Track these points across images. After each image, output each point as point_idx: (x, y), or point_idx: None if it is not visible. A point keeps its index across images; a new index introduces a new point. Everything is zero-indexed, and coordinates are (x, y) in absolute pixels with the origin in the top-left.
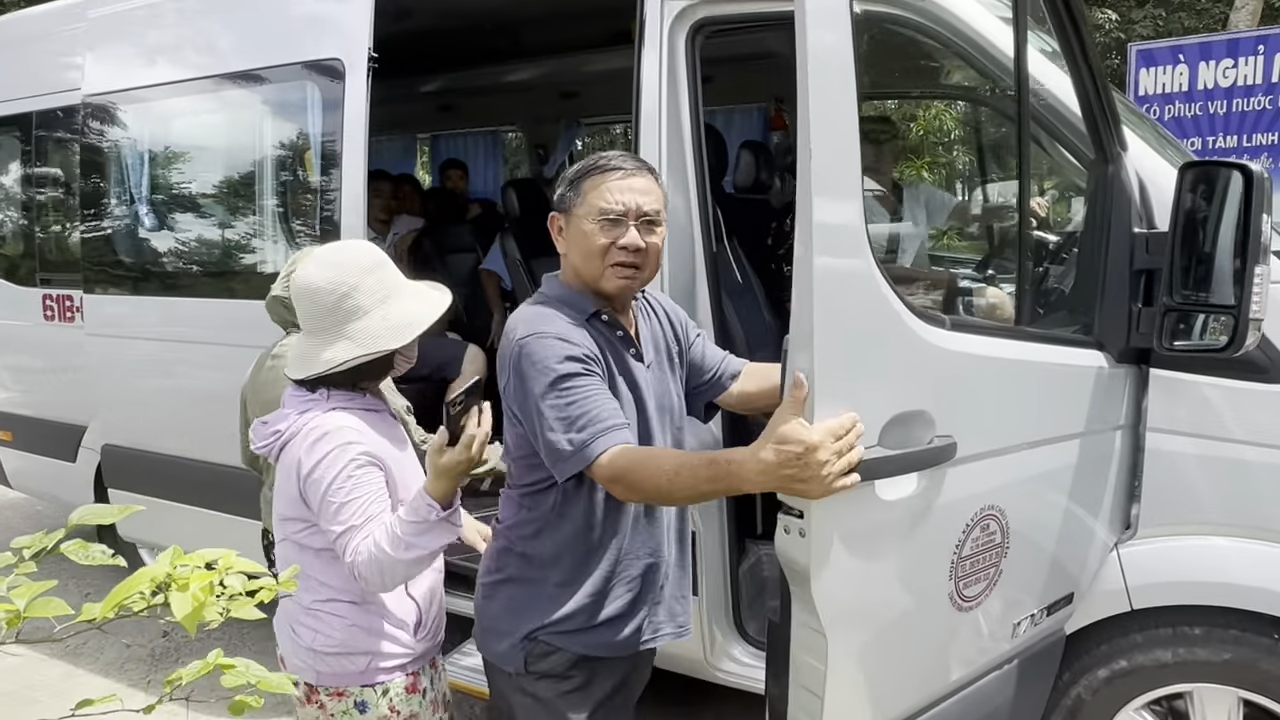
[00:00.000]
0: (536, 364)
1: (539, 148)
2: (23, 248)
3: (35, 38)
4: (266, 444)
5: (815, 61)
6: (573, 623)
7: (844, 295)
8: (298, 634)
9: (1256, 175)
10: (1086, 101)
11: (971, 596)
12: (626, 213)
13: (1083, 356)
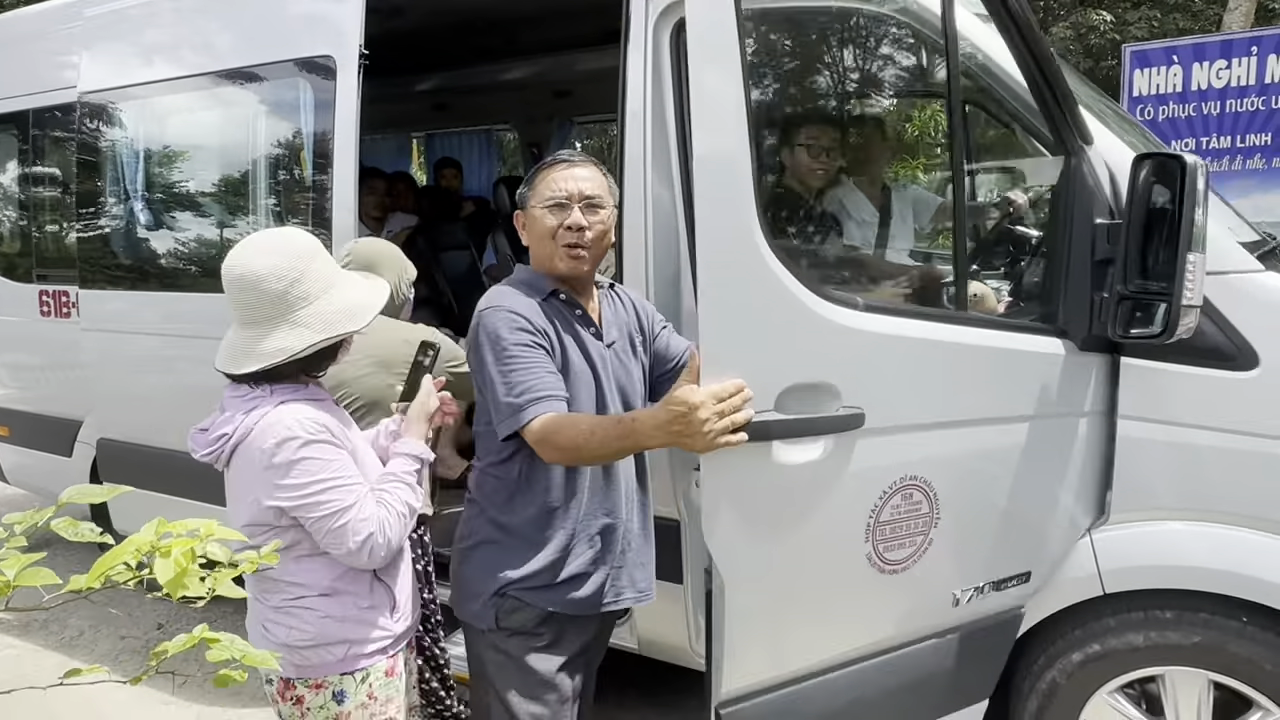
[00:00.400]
0: (490, 333)
1: (532, 146)
2: (19, 245)
3: (32, 36)
4: (213, 450)
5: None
6: (539, 579)
7: (734, 278)
8: (270, 632)
9: (1189, 166)
10: (1040, 97)
11: (896, 561)
12: (570, 197)
13: (1036, 343)
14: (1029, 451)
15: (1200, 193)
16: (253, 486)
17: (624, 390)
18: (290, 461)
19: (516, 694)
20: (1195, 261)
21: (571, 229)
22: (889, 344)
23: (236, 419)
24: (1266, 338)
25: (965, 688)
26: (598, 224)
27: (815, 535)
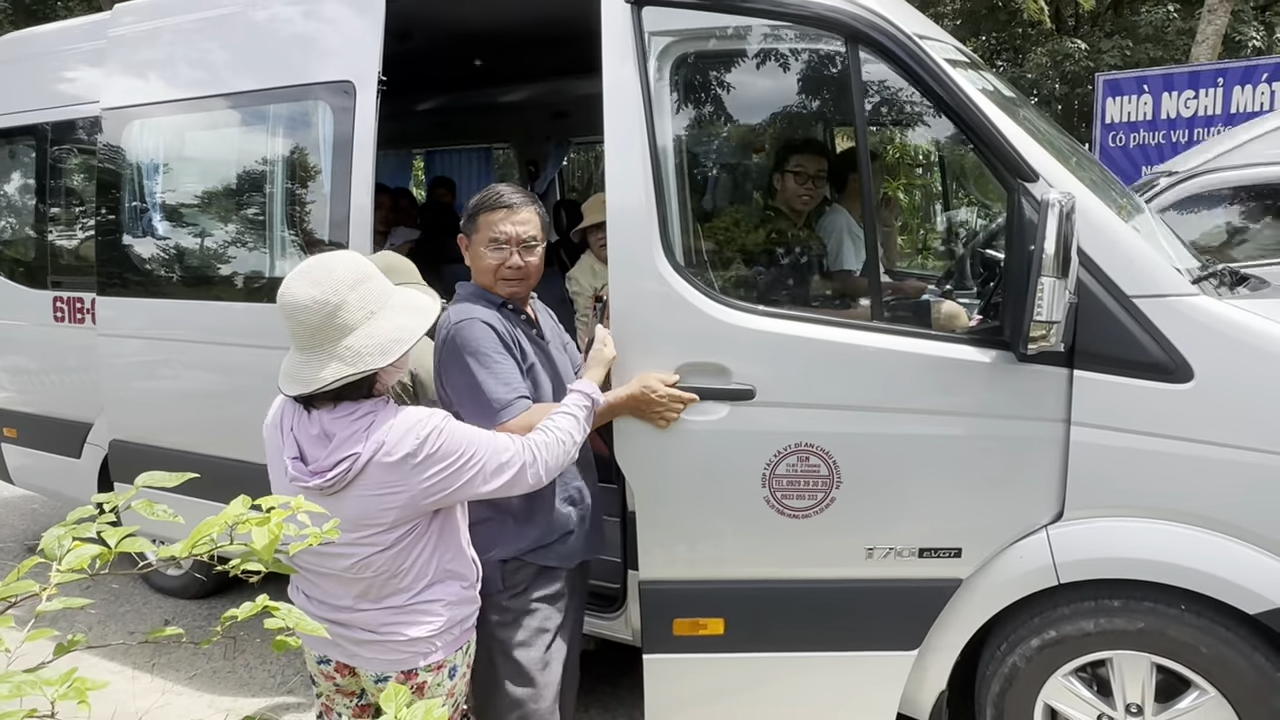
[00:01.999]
0: (470, 343)
1: (530, 164)
2: (33, 253)
3: (55, 52)
4: (335, 474)
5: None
6: (538, 541)
7: (637, 285)
8: (397, 633)
9: (1043, 203)
10: (974, 144)
11: (797, 509)
12: (509, 240)
13: (968, 352)
14: (960, 445)
15: (1052, 227)
16: (397, 489)
17: (563, 377)
18: (438, 447)
19: (521, 647)
20: (1046, 285)
21: (511, 268)
22: (780, 340)
23: (359, 438)
24: (1200, 354)
25: (884, 632)
26: (532, 260)
27: (714, 475)
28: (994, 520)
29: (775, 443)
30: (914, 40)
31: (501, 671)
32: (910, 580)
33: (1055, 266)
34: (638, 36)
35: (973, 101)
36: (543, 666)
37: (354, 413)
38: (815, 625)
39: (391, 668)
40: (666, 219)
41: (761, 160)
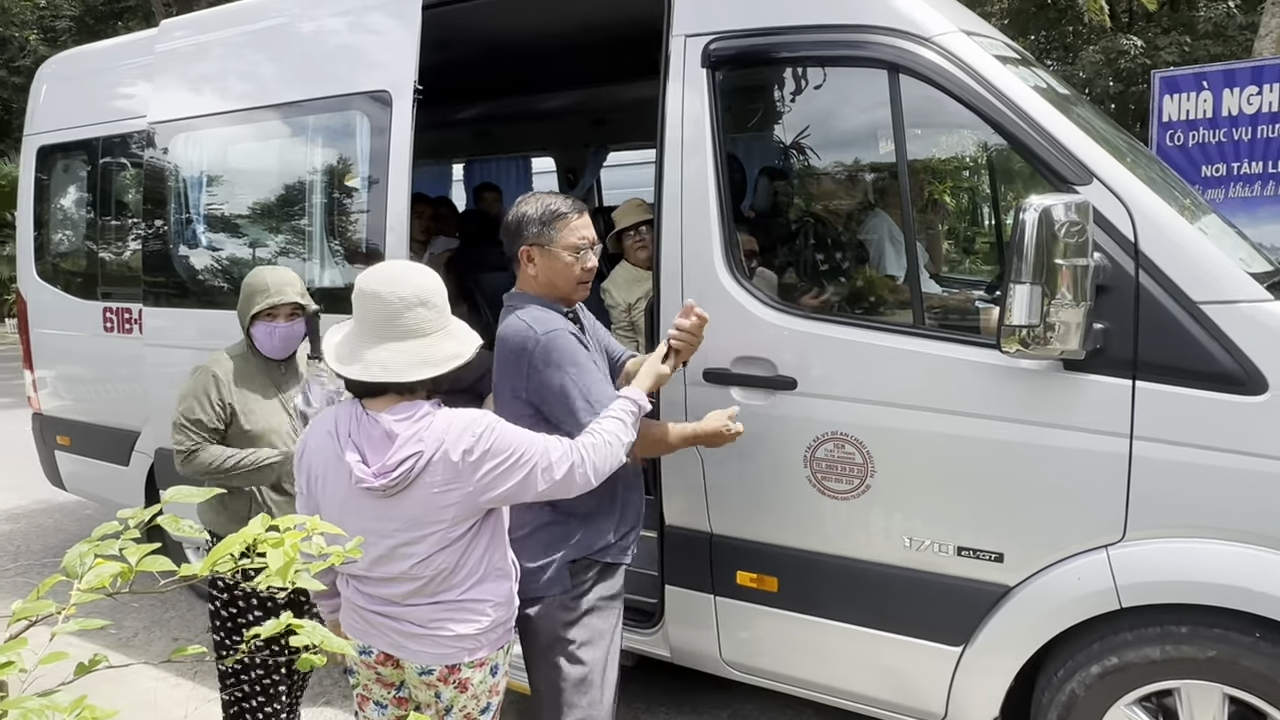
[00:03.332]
0: (566, 352)
1: (569, 172)
2: (84, 264)
3: (105, 69)
4: (398, 473)
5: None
6: (603, 539)
7: (694, 290)
8: (445, 628)
9: (1024, 208)
10: (1021, 147)
11: (836, 490)
12: (589, 243)
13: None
14: (1001, 451)
15: (1029, 233)
16: (455, 486)
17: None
18: (491, 444)
19: (587, 647)
20: (1018, 291)
21: (590, 270)
22: (818, 340)
23: (422, 436)
24: (1275, 363)
25: (926, 622)
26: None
27: (762, 452)
28: (1040, 531)
29: (814, 429)
30: (954, 57)
31: (565, 672)
32: (950, 576)
33: (1030, 272)
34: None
35: (1020, 102)
36: (604, 667)
37: (414, 414)
38: (859, 601)
39: (437, 661)
40: (729, 236)
41: (807, 172)
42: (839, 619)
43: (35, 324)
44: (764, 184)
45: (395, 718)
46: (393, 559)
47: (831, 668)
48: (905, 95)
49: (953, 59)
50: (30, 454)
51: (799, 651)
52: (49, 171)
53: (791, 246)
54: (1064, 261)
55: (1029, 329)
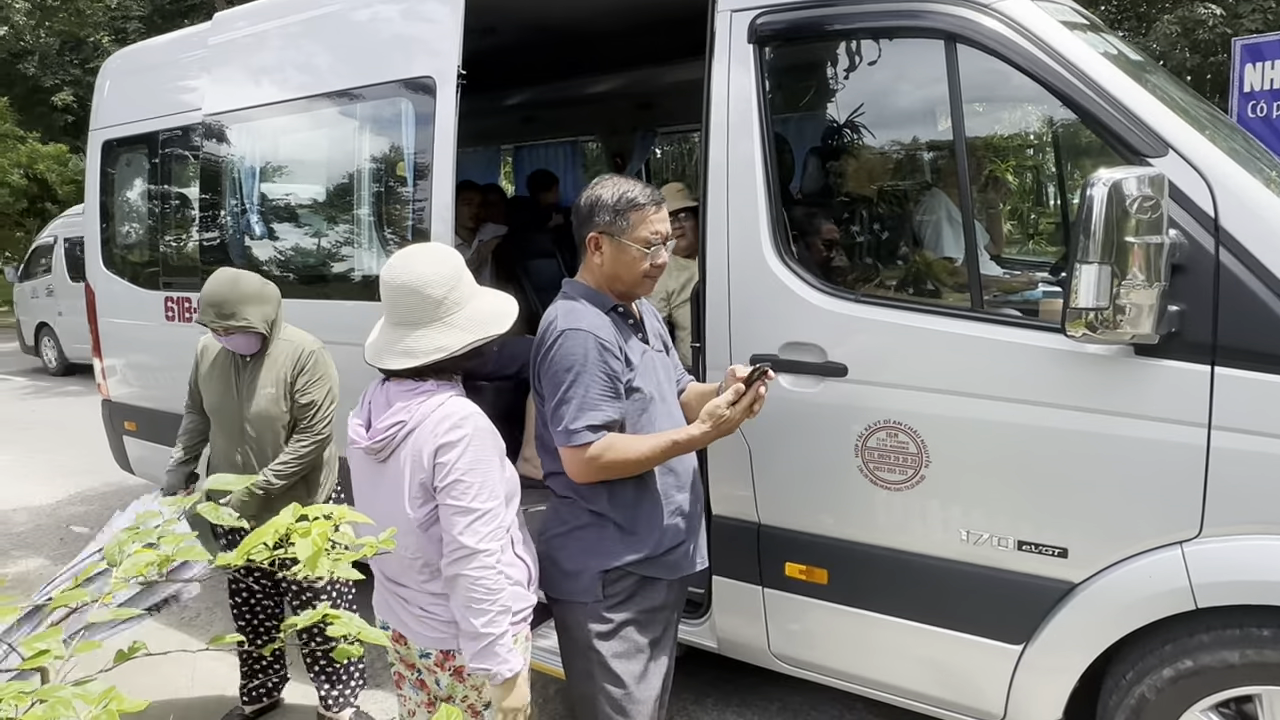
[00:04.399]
0: (573, 354)
1: (616, 156)
2: (148, 255)
3: (163, 64)
4: (384, 438)
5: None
6: (643, 553)
7: (742, 275)
8: (431, 612)
9: (1090, 183)
10: (1091, 118)
11: (889, 481)
12: (663, 238)
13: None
14: (1065, 441)
15: (1098, 209)
16: (421, 465)
17: (667, 381)
18: (454, 443)
19: (619, 658)
20: (1085, 271)
21: (659, 266)
22: (869, 324)
23: (411, 409)
24: None
25: (984, 618)
26: (667, 258)
27: (811, 441)
28: (1108, 526)
29: (866, 417)
30: (1017, 24)
31: (598, 683)
32: (1010, 571)
33: (1099, 251)
34: (754, 40)
35: (1088, 70)
36: (639, 680)
37: (416, 388)
38: (913, 595)
39: (433, 645)
40: (778, 219)
41: (859, 151)
42: (892, 613)
43: (103, 313)
44: (814, 164)
45: (423, 702)
46: (383, 524)
47: (884, 663)
48: (964, 66)
49: (1016, 26)
50: (102, 439)
51: (850, 646)
52: (114, 165)
53: (843, 228)
54: (1136, 239)
55: (1097, 312)
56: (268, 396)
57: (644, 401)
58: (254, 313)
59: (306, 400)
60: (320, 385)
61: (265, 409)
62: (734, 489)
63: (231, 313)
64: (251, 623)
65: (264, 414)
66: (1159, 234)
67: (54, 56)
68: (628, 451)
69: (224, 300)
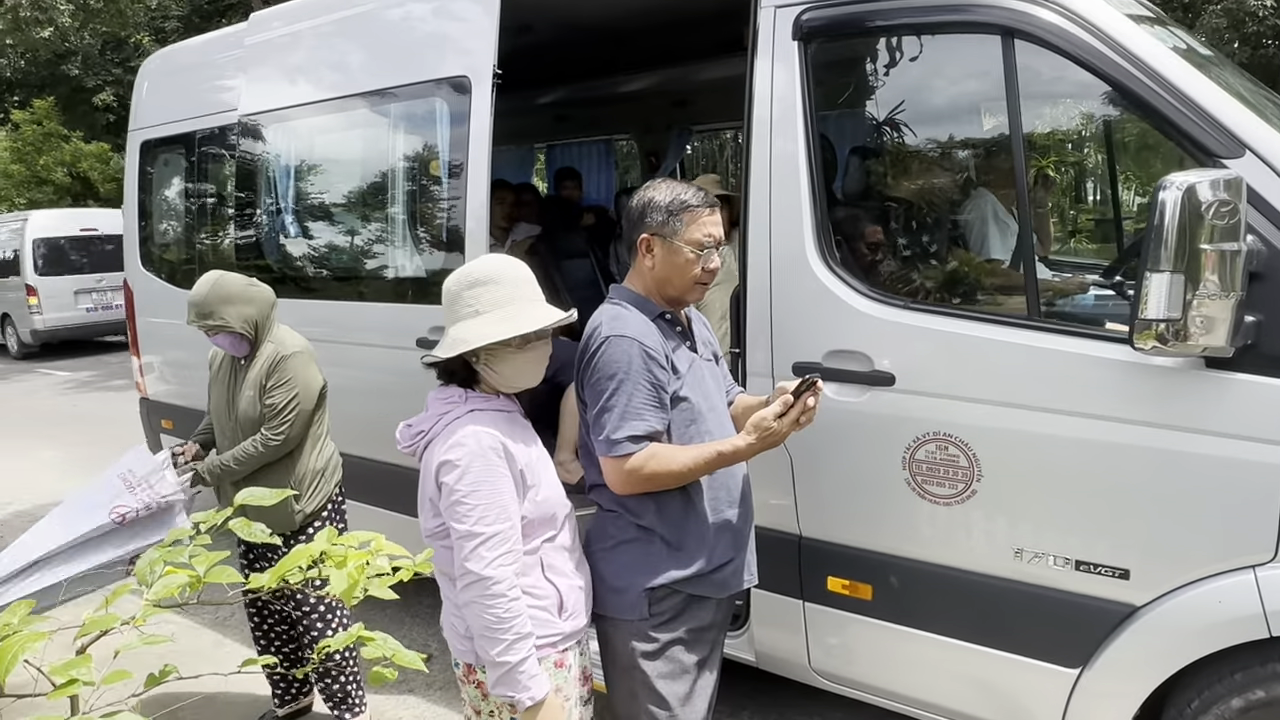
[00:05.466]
0: (618, 361)
1: (651, 155)
2: (183, 254)
3: (199, 65)
4: (411, 444)
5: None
6: (692, 569)
7: (785, 280)
8: (455, 623)
9: (1161, 187)
10: (1157, 123)
11: (938, 495)
12: (715, 242)
13: (1132, 353)
14: (1128, 457)
15: (1170, 214)
16: (429, 480)
17: (716, 391)
18: (452, 463)
19: (665, 678)
20: (1154, 281)
21: (711, 271)
22: (918, 332)
23: (433, 419)
24: None
25: (1038, 640)
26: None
27: (856, 452)
28: (1174, 547)
29: (914, 429)
30: (1078, 17)
31: (642, 704)
32: (1067, 592)
33: (1171, 260)
34: (801, 45)
35: (1156, 66)
36: (685, 701)
37: (450, 396)
38: (962, 614)
39: (459, 656)
40: (822, 221)
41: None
42: (940, 632)
43: (141, 312)
44: (858, 164)
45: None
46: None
47: (930, 682)
48: (1021, 63)
49: (1077, 19)
50: (141, 436)
51: (894, 664)
52: (152, 165)
53: (890, 231)
54: (1210, 246)
55: (1168, 323)
56: (248, 399)
57: (692, 411)
58: (231, 313)
59: (270, 402)
60: (284, 390)
61: (245, 411)
62: (774, 499)
63: (210, 312)
64: (262, 626)
65: (245, 416)
66: (1235, 240)
67: (96, 57)
68: (670, 462)
69: (203, 300)
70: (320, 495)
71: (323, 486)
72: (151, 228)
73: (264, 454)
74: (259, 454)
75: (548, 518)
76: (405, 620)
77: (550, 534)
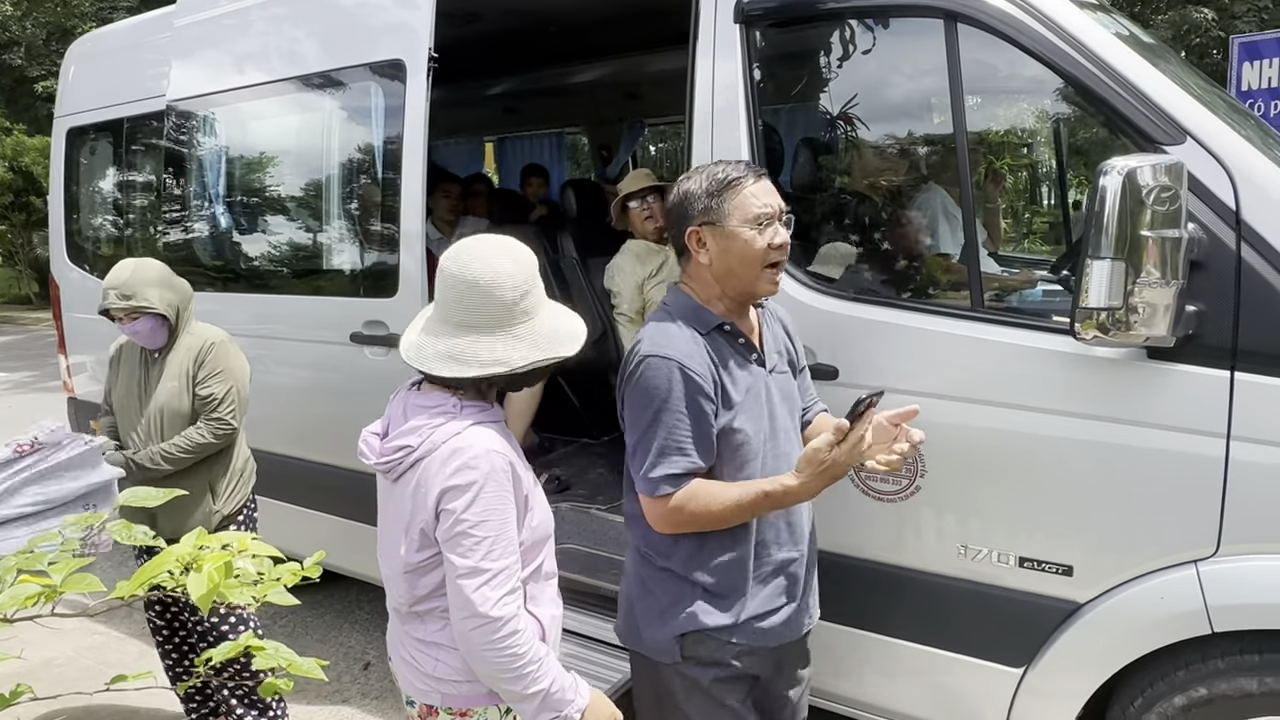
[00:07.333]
0: (654, 384)
1: (602, 149)
2: (112, 247)
3: (127, 48)
4: (390, 460)
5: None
6: (722, 618)
7: None
8: (418, 661)
9: (1102, 171)
10: (1099, 108)
11: (882, 492)
12: (775, 213)
13: (1065, 344)
14: (1070, 451)
15: (1111, 200)
16: (425, 504)
17: (787, 413)
18: (462, 487)
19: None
20: (1097, 268)
21: (780, 247)
22: (861, 325)
23: (424, 433)
24: None
25: (982, 640)
26: (788, 240)
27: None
28: (1117, 543)
29: None
30: (1021, 1)
31: None
32: (1011, 589)
33: (1112, 246)
34: (743, 29)
35: (1099, 51)
36: None
37: (439, 405)
38: (909, 614)
39: (415, 695)
40: None
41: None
42: (885, 633)
43: (69, 308)
44: (805, 155)
45: None
46: (386, 552)
47: (877, 685)
48: (964, 48)
49: (1021, 4)
50: None
51: (840, 667)
52: (79, 153)
53: (835, 223)
54: (1152, 233)
55: (1109, 312)
56: (170, 390)
57: (747, 448)
58: (155, 295)
59: (206, 393)
60: (219, 379)
61: (167, 403)
62: None
63: (133, 293)
64: (173, 640)
65: (166, 409)
66: (1177, 227)
67: (40, 47)
68: (710, 503)
69: (125, 282)
70: (238, 497)
71: (240, 489)
72: (80, 219)
73: (214, 442)
74: (208, 442)
75: (539, 546)
76: (343, 627)
77: (537, 562)
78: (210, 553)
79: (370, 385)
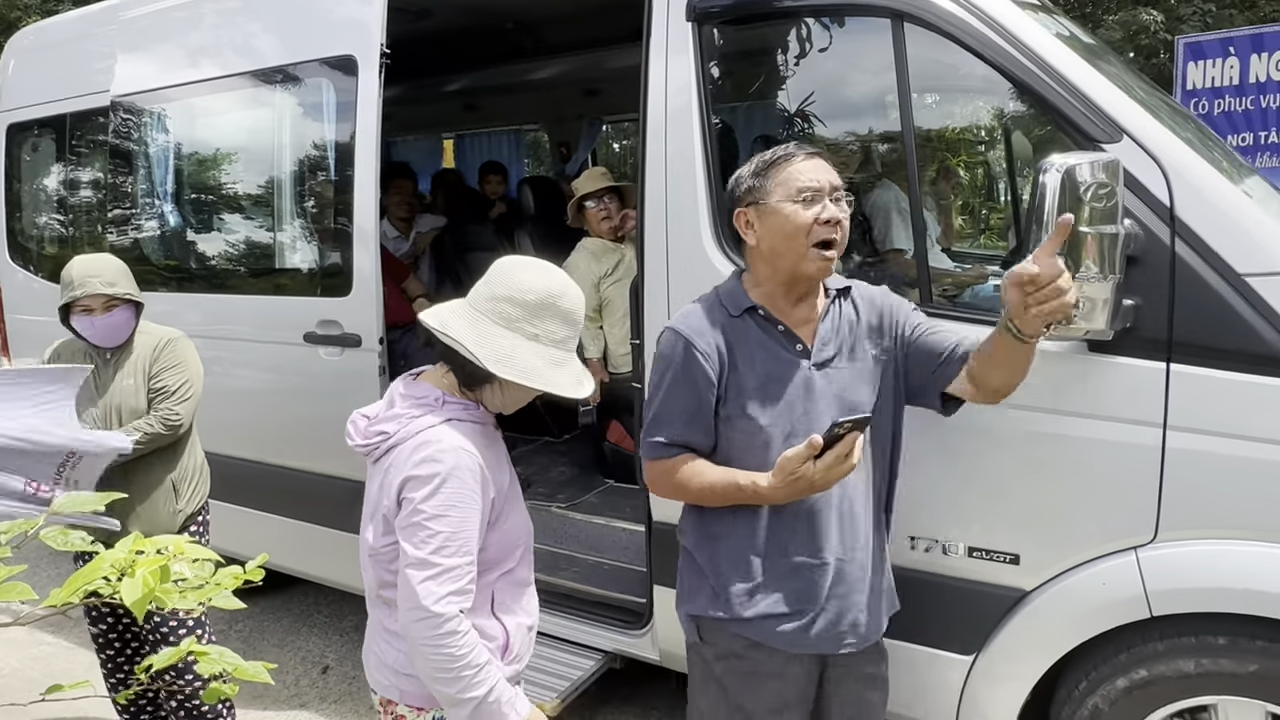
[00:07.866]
0: (663, 354)
1: (562, 145)
2: (56, 247)
3: (71, 41)
4: (369, 444)
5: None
6: (727, 609)
7: (681, 267)
8: (382, 652)
9: (1043, 169)
10: (1039, 107)
11: None
12: (823, 189)
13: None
14: (1015, 442)
15: (1050, 196)
16: (390, 492)
17: (835, 411)
18: (423, 479)
19: (713, 716)
20: None
21: (829, 223)
22: None
23: (403, 421)
24: None
25: (932, 629)
26: (845, 219)
27: None
28: (1061, 531)
29: None
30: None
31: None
32: (961, 579)
33: None
34: (695, 26)
35: (1040, 51)
36: None
37: (425, 397)
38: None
39: (378, 687)
40: (720, 209)
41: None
42: None
43: (11, 309)
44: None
45: None
46: (365, 534)
47: None
48: (911, 47)
49: (965, 4)
50: None
51: None
52: (21, 150)
53: None
54: (1090, 229)
55: None
56: (126, 389)
57: (757, 437)
58: (131, 286)
59: (159, 385)
60: (175, 372)
61: (124, 400)
62: None
63: (114, 281)
64: (115, 644)
65: (124, 406)
66: (1114, 224)
67: None
68: (691, 479)
69: (102, 270)
70: (199, 496)
71: (200, 487)
72: (23, 218)
73: (164, 433)
74: (156, 433)
75: (509, 550)
76: (301, 630)
77: (508, 567)
78: (145, 557)
79: (325, 386)
